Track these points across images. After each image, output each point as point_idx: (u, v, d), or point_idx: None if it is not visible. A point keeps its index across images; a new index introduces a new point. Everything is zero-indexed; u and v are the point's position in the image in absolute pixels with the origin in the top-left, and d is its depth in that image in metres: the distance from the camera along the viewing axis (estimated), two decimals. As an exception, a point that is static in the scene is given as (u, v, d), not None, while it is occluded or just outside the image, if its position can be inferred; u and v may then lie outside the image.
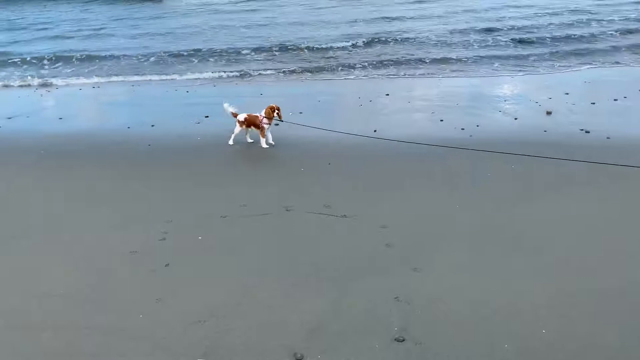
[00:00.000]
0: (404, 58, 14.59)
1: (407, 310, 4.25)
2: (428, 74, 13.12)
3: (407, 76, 12.98)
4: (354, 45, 15.85)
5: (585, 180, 6.61)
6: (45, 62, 16.02)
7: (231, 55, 15.87)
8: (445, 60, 14.09)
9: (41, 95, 12.91)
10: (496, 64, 13.39)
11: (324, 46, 15.90)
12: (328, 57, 15.00)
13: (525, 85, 11.62)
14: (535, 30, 16.37)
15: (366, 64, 14.03)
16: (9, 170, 7.95)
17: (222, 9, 23.87)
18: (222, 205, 6.37)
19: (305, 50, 15.52)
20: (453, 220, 5.80)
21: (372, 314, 4.23)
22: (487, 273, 4.76)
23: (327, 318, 4.21)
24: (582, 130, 8.39)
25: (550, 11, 18.41)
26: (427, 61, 14.20)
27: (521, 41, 15.59)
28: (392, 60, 14.32)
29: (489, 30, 17.03)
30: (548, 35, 15.71)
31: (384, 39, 16.59)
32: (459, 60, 14.11)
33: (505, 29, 16.90)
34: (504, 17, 18.34)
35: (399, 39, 16.39)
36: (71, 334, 4.16)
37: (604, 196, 6.23)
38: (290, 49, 15.77)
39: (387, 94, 11.32)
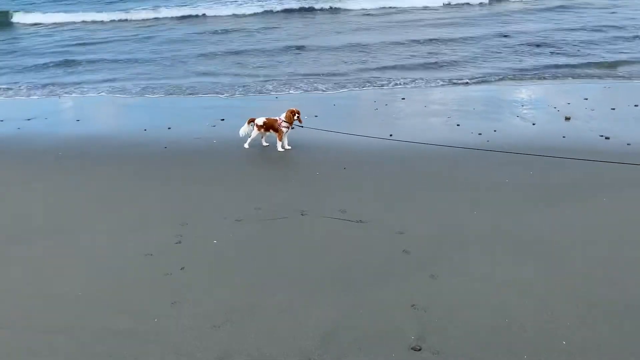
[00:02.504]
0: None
1: (424, 318, 4.19)
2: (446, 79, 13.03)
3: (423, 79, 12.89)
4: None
5: (605, 187, 6.48)
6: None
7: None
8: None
9: (59, 97, 13.06)
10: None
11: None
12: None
13: (543, 90, 11.47)
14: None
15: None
16: (27, 171, 8.03)
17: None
18: (237, 208, 6.36)
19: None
20: (471, 227, 5.72)
21: (389, 321, 4.18)
22: (506, 281, 4.68)
23: (343, 324, 4.17)
24: (601, 136, 8.25)
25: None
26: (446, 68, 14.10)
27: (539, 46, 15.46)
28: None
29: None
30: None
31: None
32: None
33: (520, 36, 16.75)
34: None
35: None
36: (86, 336, 4.18)
37: (625, 203, 6.11)
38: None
39: (403, 98, 11.25)
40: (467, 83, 12.25)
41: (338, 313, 4.31)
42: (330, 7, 22.95)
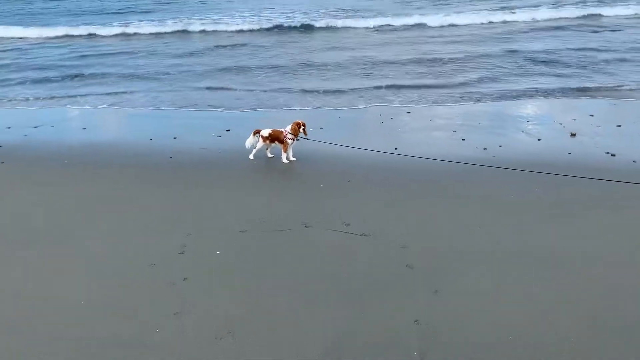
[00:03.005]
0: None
1: (427, 333, 4.16)
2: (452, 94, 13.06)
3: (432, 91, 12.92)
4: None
5: (611, 204, 6.45)
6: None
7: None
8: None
9: (66, 105, 13.14)
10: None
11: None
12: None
13: (548, 106, 11.47)
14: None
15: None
16: (33, 178, 8.07)
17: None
18: (241, 219, 6.37)
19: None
20: (475, 242, 5.70)
21: (391, 336, 4.16)
22: (511, 297, 4.65)
23: (345, 339, 4.15)
24: (607, 153, 8.24)
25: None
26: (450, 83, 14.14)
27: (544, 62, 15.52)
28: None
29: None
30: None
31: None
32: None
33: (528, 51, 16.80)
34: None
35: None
36: (88, 345, 4.18)
37: (631, 221, 6.08)
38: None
39: (408, 112, 11.27)
40: (478, 99, 12.27)
41: (341, 327, 4.29)
42: (333, 26, 23.05)
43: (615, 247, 5.51)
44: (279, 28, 23.57)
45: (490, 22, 22.26)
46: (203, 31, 23.95)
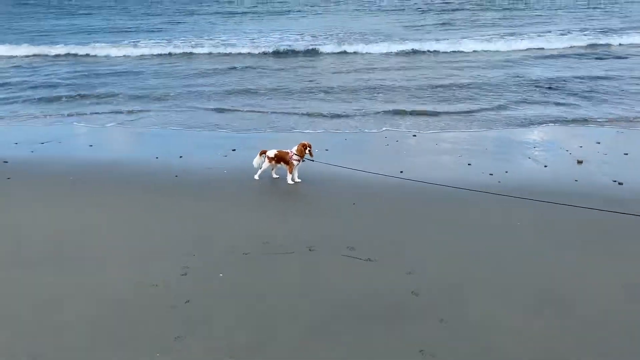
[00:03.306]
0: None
1: (432, 364, 4.08)
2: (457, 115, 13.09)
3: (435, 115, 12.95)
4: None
5: (620, 235, 6.38)
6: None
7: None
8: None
9: (74, 122, 13.23)
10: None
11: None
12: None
13: (554, 132, 11.45)
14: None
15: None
16: (37, 195, 8.07)
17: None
18: (245, 241, 6.32)
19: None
20: (481, 269, 5.63)
21: (396, 366, 4.08)
22: (518, 327, 4.57)
23: (349, 368, 4.07)
24: (614, 181, 8.18)
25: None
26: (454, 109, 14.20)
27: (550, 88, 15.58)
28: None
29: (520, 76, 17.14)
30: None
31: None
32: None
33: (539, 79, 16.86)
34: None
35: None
36: (87, 369, 4.10)
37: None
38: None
39: (414, 135, 11.28)
40: (484, 124, 12.28)
41: (344, 354, 4.21)
42: (342, 51, 23.10)
43: (622, 281, 5.42)
44: (287, 52, 23.56)
45: (497, 51, 22.26)
46: (211, 53, 23.97)
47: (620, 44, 23.00)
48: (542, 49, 22.55)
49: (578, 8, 45.04)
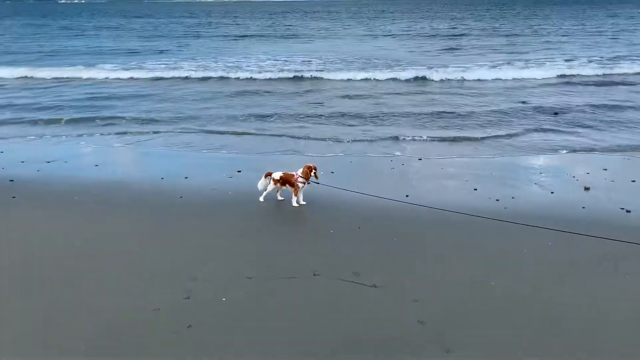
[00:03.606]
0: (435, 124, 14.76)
1: (438, 397, 3.98)
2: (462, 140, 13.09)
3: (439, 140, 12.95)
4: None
5: (629, 264, 6.29)
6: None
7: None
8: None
9: (80, 139, 13.29)
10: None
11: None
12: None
13: (561, 158, 11.41)
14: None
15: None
16: (42, 215, 8.06)
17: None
18: (248, 264, 6.27)
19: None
20: (488, 298, 5.55)
21: (401, 398, 3.98)
22: (526, 358, 4.47)
23: (353, 399, 3.97)
24: (622, 209, 8.11)
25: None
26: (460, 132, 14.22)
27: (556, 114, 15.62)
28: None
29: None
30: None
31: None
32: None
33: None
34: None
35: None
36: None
37: (649, 282, 5.91)
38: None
39: (420, 159, 11.26)
40: (490, 149, 12.26)
41: (348, 385, 4.13)
42: (350, 78, 22.94)
43: (631, 311, 5.32)
44: (294, 77, 23.39)
45: (502, 79, 22.13)
46: (221, 77, 23.92)
47: (624, 73, 22.99)
48: (548, 77, 22.47)
49: (585, 33, 45.54)
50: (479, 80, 22.09)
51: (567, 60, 27.15)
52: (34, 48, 39.18)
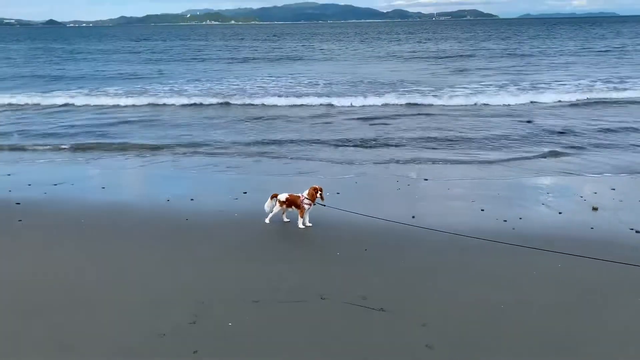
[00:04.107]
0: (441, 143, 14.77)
1: None
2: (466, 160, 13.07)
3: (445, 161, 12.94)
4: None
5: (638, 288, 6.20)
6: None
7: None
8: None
9: (87, 162, 13.35)
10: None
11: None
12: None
13: (568, 178, 11.35)
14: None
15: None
16: (48, 238, 8.04)
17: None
18: (255, 287, 6.22)
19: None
20: (498, 321, 5.46)
21: None
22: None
23: None
24: (632, 229, 8.02)
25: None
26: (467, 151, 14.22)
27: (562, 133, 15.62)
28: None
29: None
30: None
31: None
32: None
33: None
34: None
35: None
36: None
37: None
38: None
39: (426, 179, 11.23)
40: (496, 169, 12.24)
41: (357, 413, 4.04)
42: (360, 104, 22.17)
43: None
44: (305, 105, 22.60)
45: (509, 104, 21.68)
46: (226, 103, 23.58)
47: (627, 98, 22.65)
48: (552, 101, 22.12)
49: (592, 53, 45.76)
50: (485, 104, 21.67)
51: (577, 78, 27.17)
52: (41, 72, 39.60)
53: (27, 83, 32.63)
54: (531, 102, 21.80)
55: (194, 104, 23.52)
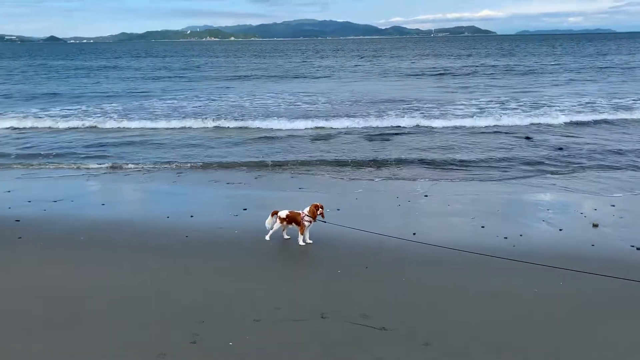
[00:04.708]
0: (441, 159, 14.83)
1: None
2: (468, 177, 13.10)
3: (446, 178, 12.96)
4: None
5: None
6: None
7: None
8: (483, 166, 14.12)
9: (87, 179, 13.35)
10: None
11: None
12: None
13: (568, 194, 11.36)
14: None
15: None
16: (47, 256, 8.00)
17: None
18: (256, 306, 6.18)
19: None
20: (500, 340, 5.43)
21: None
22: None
23: None
24: (632, 246, 8.01)
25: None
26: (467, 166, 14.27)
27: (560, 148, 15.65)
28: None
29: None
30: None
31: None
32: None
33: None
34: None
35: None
36: None
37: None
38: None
39: (426, 195, 11.24)
40: (496, 186, 12.26)
41: None
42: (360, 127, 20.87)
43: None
44: (305, 122, 21.71)
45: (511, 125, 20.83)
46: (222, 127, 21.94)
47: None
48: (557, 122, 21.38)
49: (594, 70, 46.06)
50: (487, 126, 20.84)
51: (580, 95, 27.09)
52: (43, 89, 39.52)
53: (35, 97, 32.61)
54: (531, 123, 21.06)
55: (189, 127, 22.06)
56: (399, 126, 20.95)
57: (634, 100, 26.76)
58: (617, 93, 30.11)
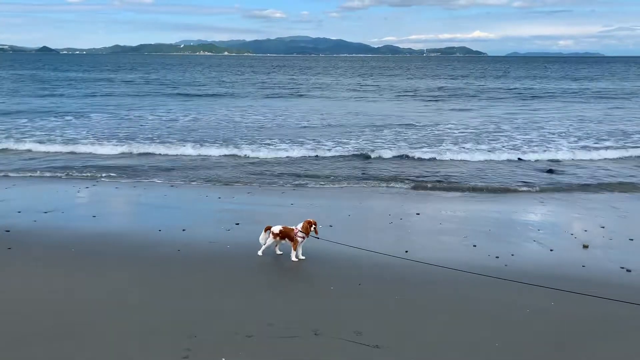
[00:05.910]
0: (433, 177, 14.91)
1: None
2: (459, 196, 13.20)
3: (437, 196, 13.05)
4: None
5: (632, 324, 6.22)
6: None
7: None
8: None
9: (78, 191, 13.24)
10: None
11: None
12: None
13: (558, 215, 11.49)
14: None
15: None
16: (37, 268, 7.91)
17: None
18: (248, 321, 6.15)
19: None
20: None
21: None
22: None
23: None
24: (622, 268, 8.09)
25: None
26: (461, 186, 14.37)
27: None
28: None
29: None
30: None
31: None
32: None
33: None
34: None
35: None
36: None
37: (654, 345, 5.82)
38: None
39: (418, 214, 11.29)
40: (487, 205, 12.33)
41: None
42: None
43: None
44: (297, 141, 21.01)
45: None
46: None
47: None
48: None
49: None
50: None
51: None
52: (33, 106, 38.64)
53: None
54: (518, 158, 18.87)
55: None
56: (392, 143, 20.98)
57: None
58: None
